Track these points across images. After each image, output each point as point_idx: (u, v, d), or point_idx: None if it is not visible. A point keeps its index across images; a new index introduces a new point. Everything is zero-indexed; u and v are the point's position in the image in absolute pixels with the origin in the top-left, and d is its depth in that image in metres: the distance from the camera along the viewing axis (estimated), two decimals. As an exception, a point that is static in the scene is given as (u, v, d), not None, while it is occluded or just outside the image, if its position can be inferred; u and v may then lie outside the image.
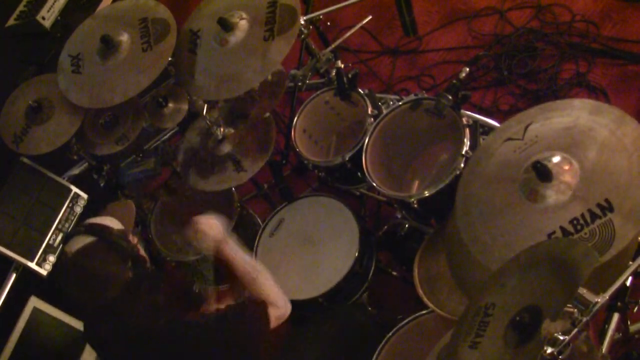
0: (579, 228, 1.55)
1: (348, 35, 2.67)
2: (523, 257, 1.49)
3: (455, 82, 2.25)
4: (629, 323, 2.14)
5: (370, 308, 2.52)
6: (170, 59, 2.38)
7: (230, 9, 2.36)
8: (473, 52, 3.38)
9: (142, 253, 2.00)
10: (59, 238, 2.60)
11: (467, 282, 1.82)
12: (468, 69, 2.29)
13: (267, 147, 2.54)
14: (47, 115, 2.53)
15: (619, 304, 1.97)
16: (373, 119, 2.44)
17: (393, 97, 2.94)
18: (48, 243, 2.57)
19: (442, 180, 2.17)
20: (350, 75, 2.59)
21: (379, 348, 2.17)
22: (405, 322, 2.20)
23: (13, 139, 2.54)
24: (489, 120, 2.77)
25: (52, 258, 2.55)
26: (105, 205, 2.15)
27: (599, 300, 1.32)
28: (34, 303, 2.54)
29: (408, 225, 2.53)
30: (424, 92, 2.97)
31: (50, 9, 3.09)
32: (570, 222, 1.56)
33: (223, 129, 2.59)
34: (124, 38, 2.45)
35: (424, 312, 2.18)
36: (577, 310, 1.33)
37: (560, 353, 1.27)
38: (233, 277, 2.11)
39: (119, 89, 2.39)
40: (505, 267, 1.51)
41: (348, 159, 2.43)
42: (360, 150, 2.38)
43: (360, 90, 2.56)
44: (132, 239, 1.98)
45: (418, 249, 2.32)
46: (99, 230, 1.92)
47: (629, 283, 1.93)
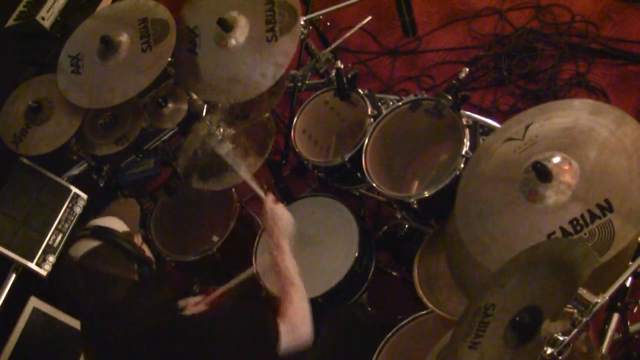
0: (579, 228, 1.55)
1: (348, 36, 2.67)
2: (523, 257, 1.49)
3: (455, 82, 2.25)
4: (629, 323, 2.14)
5: (370, 308, 2.52)
6: (170, 59, 2.38)
7: (227, 7, 2.35)
8: (473, 52, 3.39)
9: (147, 254, 2.00)
10: (59, 238, 2.60)
11: (466, 282, 1.82)
12: (468, 69, 2.29)
13: (266, 147, 2.54)
14: (46, 116, 2.53)
15: (619, 304, 1.97)
16: (373, 120, 2.44)
17: (393, 97, 2.94)
18: (48, 243, 2.56)
19: (441, 181, 2.17)
20: (350, 76, 2.59)
21: (379, 348, 2.17)
22: (405, 322, 2.20)
23: (13, 140, 2.54)
24: (489, 121, 2.78)
25: (51, 258, 2.54)
26: (109, 204, 2.15)
27: (599, 301, 1.32)
28: (34, 303, 2.54)
29: (408, 226, 2.53)
30: (424, 92, 2.97)
31: (50, 9, 3.08)
32: (570, 222, 1.56)
33: (223, 129, 2.58)
34: (124, 38, 2.45)
35: (424, 312, 2.18)
36: (577, 311, 1.33)
37: (560, 353, 1.27)
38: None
39: (119, 90, 2.39)
40: (505, 267, 1.51)
41: (348, 159, 2.43)
42: (360, 151, 2.38)
43: (360, 91, 2.56)
44: (137, 240, 1.98)
45: (418, 249, 2.32)
46: (105, 234, 1.92)
47: (629, 283, 1.94)
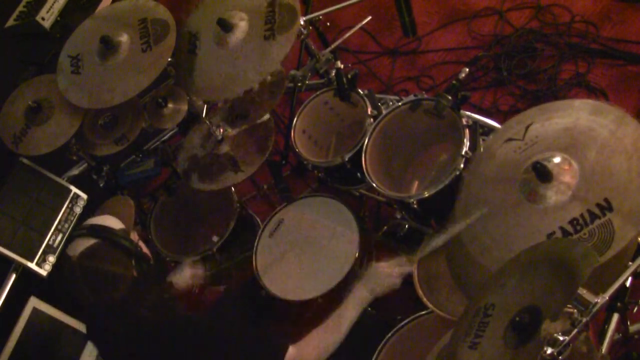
0: (579, 228, 1.55)
1: (348, 36, 2.67)
2: (523, 257, 1.49)
3: (455, 82, 2.25)
4: (629, 323, 2.15)
5: (370, 308, 2.51)
6: (170, 60, 2.38)
7: (230, 11, 2.36)
8: (473, 52, 3.39)
9: (144, 250, 2.00)
10: (59, 238, 2.60)
11: (466, 282, 1.81)
12: (468, 70, 2.30)
13: (265, 147, 2.54)
14: (46, 116, 2.53)
15: (619, 305, 1.97)
16: (372, 120, 2.44)
17: (392, 97, 2.94)
18: (48, 243, 2.56)
19: (441, 181, 2.18)
20: (350, 76, 2.59)
21: (379, 348, 2.17)
22: (405, 322, 2.19)
23: (12, 140, 2.54)
24: (489, 121, 2.78)
25: (51, 258, 2.55)
26: (104, 202, 2.15)
27: (599, 301, 1.32)
28: (34, 303, 2.54)
29: (408, 226, 2.53)
30: (424, 92, 2.96)
31: (50, 10, 3.09)
32: (570, 222, 1.56)
33: (222, 130, 2.59)
34: (124, 38, 2.45)
35: (424, 312, 2.17)
36: (577, 311, 1.33)
37: (560, 353, 1.27)
38: None
39: (119, 90, 2.39)
40: (505, 267, 1.51)
41: (348, 160, 2.43)
42: (360, 151, 2.38)
43: (360, 91, 2.56)
44: (134, 237, 1.98)
45: (418, 249, 2.31)
46: (101, 232, 1.92)
47: (629, 283, 1.94)
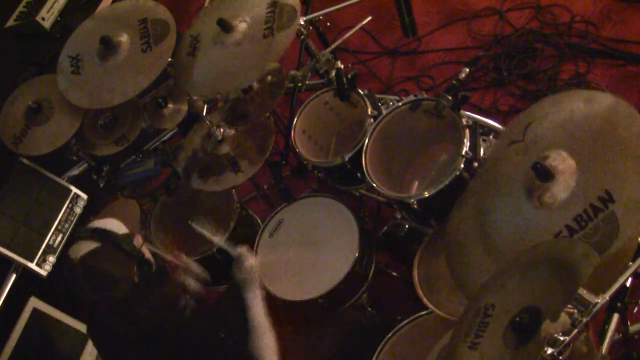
0: (584, 224, 1.54)
1: (348, 36, 2.67)
2: (523, 257, 1.49)
3: (455, 82, 2.25)
4: (629, 323, 2.15)
5: (370, 309, 2.52)
6: (170, 60, 2.38)
7: (232, 14, 2.36)
8: (473, 52, 3.39)
9: (147, 256, 2.00)
10: (59, 238, 2.60)
11: (466, 282, 1.81)
12: (468, 70, 2.29)
13: (265, 148, 2.54)
14: (46, 116, 2.53)
15: (619, 305, 1.97)
16: (373, 120, 2.44)
17: (393, 97, 2.94)
18: (48, 243, 2.57)
19: (441, 181, 2.17)
20: (350, 76, 2.59)
21: (379, 348, 2.17)
22: (405, 322, 2.20)
23: (12, 140, 2.54)
24: (489, 121, 2.78)
25: (51, 258, 2.55)
26: (109, 205, 2.15)
27: (599, 301, 1.32)
28: (34, 303, 2.54)
29: (408, 226, 2.53)
30: (424, 92, 2.96)
31: (50, 10, 3.09)
32: (575, 219, 1.56)
33: (222, 130, 2.58)
34: (124, 39, 2.45)
35: (424, 312, 2.18)
36: (577, 311, 1.33)
37: (560, 353, 1.27)
38: None
39: (119, 90, 2.39)
40: (505, 267, 1.51)
41: (348, 160, 2.43)
42: (360, 151, 2.38)
43: (360, 91, 2.56)
44: (137, 242, 1.98)
45: (418, 250, 2.32)
46: (104, 235, 1.92)
47: (629, 283, 1.93)
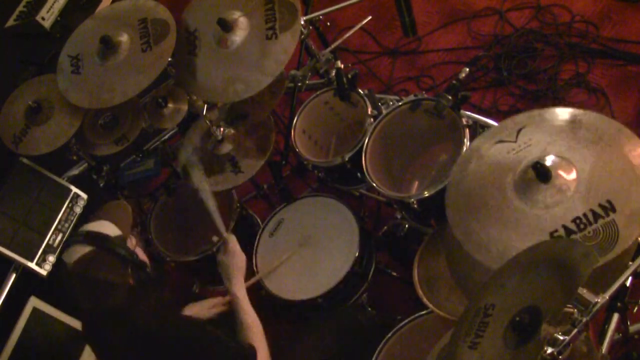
0: (582, 227, 1.55)
1: (348, 36, 2.67)
2: (523, 257, 1.49)
3: (455, 82, 2.25)
4: (629, 323, 2.15)
5: (370, 308, 2.52)
6: (170, 60, 2.38)
7: (226, 7, 2.35)
8: (473, 52, 3.39)
9: (141, 257, 1.99)
10: (59, 238, 2.60)
11: (466, 282, 1.82)
12: (468, 70, 2.30)
13: (266, 148, 2.54)
14: (46, 116, 2.53)
15: (619, 304, 1.97)
16: (373, 120, 2.44)
17: (393, 97, 2.94)
18: (48, 243, 2.56)
19: (441, 181, 2.17)
20: (350, 76, 2.59)
21: (379, 348, 2.17)
22: (405, 322, 2.20)
23: (12, 140, 2.54)
24: (489, 121, 2.77)
25: (51, 258, 2.54)
26: (101, 208, 2.15)
27: (599, 301, 1.32)
28: (34, 303, 2.54)
29: (408, 226, 2.53)
30: (424, 92, 2.97)
31: (50, 10, 3.09)
32: (573, 220, 1.56)
33: (223, 130, 2.58)
34: (124, 38, 2.44)
35: (424, 312, 2.18)
36: (577, 311, 1.33)
37: (560, 353, 1.27)
38: None
39: (119, 90, 2.38)
40: (505, 267, 1.51)
41: (348, 160, 2.43)
42: (360, 151, 2.38)
43: (360, 91, 2.56)
44: (130, 244, 1.97)
45: (417, 250, 2.32)
46: (97, 239, 1.91)
47: (629, 283, 1.93)
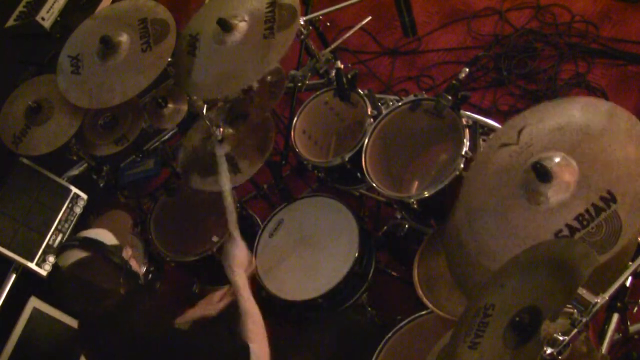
0: (585, 223, 1.54)
1: (347, 36, 2.67)
2: (523, 257, 1.49)
3: (455, 82, 2.25)
4: (629, 323, 2.15)
5: (370, 308, 2.52)
6: (170, 60, 2.38)
7: (231, 13, 2.36)
8: (472, 52, 3.39)
9: (134, 268, 2.00)
10: (59, 238, 2.60)
11: (466, 282, 1.82)
12: (467, 70, 2.30)
13: (265, 148, 2.54)
14: (46, 116, 2.53)
15: (619, 305, 1.97)
16: (372, 120, 2.44)
17: (392, 97, 2.94)
18: (48, 243, 2.56)
19: (441, 181, 2.17)
20: (350, 76, 2.59)
21: (379, 348, 2.17)
22: (405, 322, 2.20)
23: (12, 140, 2.54)
24: (489, 121, 2.78)
25: (51, 258, 2.54)
26: (101, 215, 2.16)
27: (599, 301, 1.32)
28: (34, 303, 2.54)
29: (408, 226, 2.53)
30: (424, 92, 2.97)
31: (50, 10, 3.09)
32: (576, 218, 1.56)
33: (222, 130, 2.58)
34: (124, 39, 2.45)
35: (424, 312, 2.18)
36: (577, 311, 1.33)
37: (560, 353, 1.27)
38: None
39: (119, 90, 2.39)
40: (505, 267, 1.51)
41: (347, 160, 2.43)
42: (360, 151, 2.38)
43: (360, 91, 2.56)
44: (126, 254, 1.98)
45: (417, 250, 2.32)
46: (93, 245, 1.92)
47: (629, 283, 1.94)
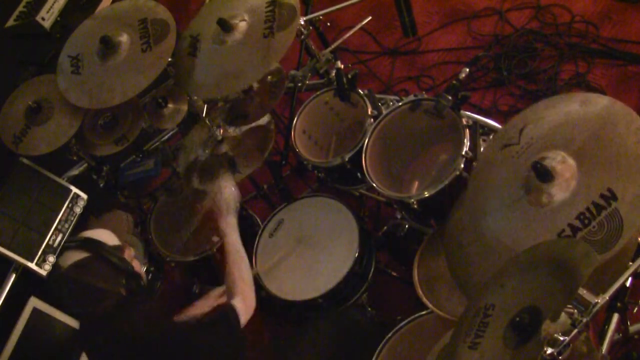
0: (587, 222, 1.54)
1: (348, 36, 2.67)
2: (523, 257, 1.49)
3: (455, 82, 2.25)
4: (629, 323, 2.15)
5: (370, 308, 2.52)
6: (170, 60, 2.38)
7: (231, 13, 2.36)
8: (473, 52, 3.39)
9: (137, 269, 1.99)
10: (59, 238, 2.60)
11: (466, 282, 1.82)
12: (468, 70, 2.30)
13: (265, 148, 2.54)
14: (46, 116, 2.53)
15: (619, 305, 1.97)
16: (373, 120, 2.45)
17: (393, 97, 2.94)
18: (48, 243, 2.56)
19: (441, 181, 2.18)
20: (350, 76, 2.59)
21: (379, 349, 2.17)
22: (405, 322, 2.20)
23: (12, 140, 2.54)
24: (489, 121, 2.78)
25: (51, 258, 2.54)
26: (103, 215, 2.16)
27: (599, 301, 1.32)
28: (34, 303, 2.54)
29: (408, 226, 2.53)
30: (424, 92, 2.97)
31: (50, 10, 3.09)
32: (577, 217, 1.56)
33: (222, 130, 2.59)
34: (124, 39, 2.45)
35: (424, 312, 2.18)
36: (577, 311, 1.33)
37: (560, 353, 1.27)
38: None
39: (119, 90, 2.39)
40: (505, 267, 1.51)
41: (348, 160, 2.43)
42: (360, 151, 2.38)
43: (360, 91, 2.56)
44: (127, 255, 1.98)
45: (417, 250, 2.32)
46: (93, 246, 1.92)
47: (629, 284, 1.94)
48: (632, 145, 1.57)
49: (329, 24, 2.69)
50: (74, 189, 2.73)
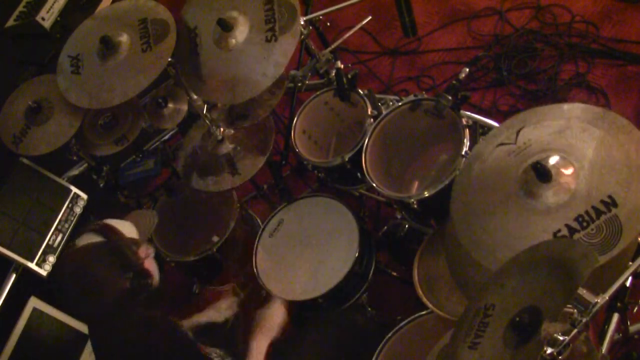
0: (585, 225, 1.55)
1: (348, 36, 2.67)
2: (523, 257, 1.49)
3: (455, 82, 2.25)
4: (629, 323, 2.15)
5: (370, 308, 2.52)
6: (170, 60, 2.38)
7: (226, 6, 2.34)
8: (473, 52, 3.39)
9: (148, 267, 1.97)
10: (59, 238, 2.60)
11: (466, 282, 1.81)
12: (468, 70, 2.29)
13: (265, 149, 2.54)
14: (46, 116, 2.53)
15: (619, 305, 1.97)
16: (373, 120, 2.44)
17: (392, 97, 2.94)
18: (48, 243, 2.56)
19: (441, 181, 2.17)
20: (350, 76, 2.59)
21: (379, 349, 2.17)
22: (405, 322, 2.20)
23: (12, 140, 2.54)
24: (489, 121, 2.78)
25: (51, 258, 2.55)
26: (131, 211, 2.14)
27: (599, 301, 1.32)
28: (34, 303, 2.54)
29: (408, 226, 2.53)
30: (424, 92, 2.97)
31: (50, 10, 3.09)
32: (576, 219, 1.57)
33: (222, 130, 2.58)
34: (124, 39, 2.44)
35: (424, 312, 2.18)
36: (577, 311, 1.33)
37: (560, 353, 1.27)
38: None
39: (119, 90, 2.38)
40: (505, 267, 1.51)
41: (348, 160, 2.43)
42: (360, 151, 2.38)
43: (360, 91, 2.56)
44: (142, 251, 1.95)
45: (417, 250, 2.32)
46: (109, 233, 1.91)
47: (629, 283, 1.94)
48: (633, 156, 1.58)
49: (329, 24, 2.68)
50: (74, 189, 2.74)
